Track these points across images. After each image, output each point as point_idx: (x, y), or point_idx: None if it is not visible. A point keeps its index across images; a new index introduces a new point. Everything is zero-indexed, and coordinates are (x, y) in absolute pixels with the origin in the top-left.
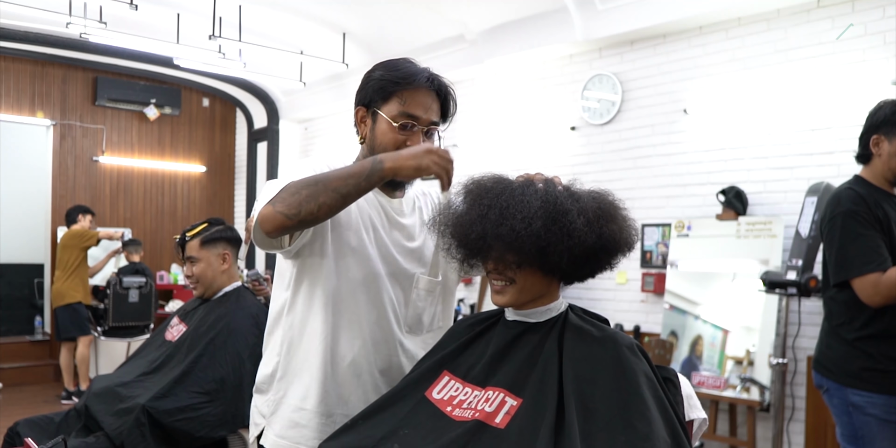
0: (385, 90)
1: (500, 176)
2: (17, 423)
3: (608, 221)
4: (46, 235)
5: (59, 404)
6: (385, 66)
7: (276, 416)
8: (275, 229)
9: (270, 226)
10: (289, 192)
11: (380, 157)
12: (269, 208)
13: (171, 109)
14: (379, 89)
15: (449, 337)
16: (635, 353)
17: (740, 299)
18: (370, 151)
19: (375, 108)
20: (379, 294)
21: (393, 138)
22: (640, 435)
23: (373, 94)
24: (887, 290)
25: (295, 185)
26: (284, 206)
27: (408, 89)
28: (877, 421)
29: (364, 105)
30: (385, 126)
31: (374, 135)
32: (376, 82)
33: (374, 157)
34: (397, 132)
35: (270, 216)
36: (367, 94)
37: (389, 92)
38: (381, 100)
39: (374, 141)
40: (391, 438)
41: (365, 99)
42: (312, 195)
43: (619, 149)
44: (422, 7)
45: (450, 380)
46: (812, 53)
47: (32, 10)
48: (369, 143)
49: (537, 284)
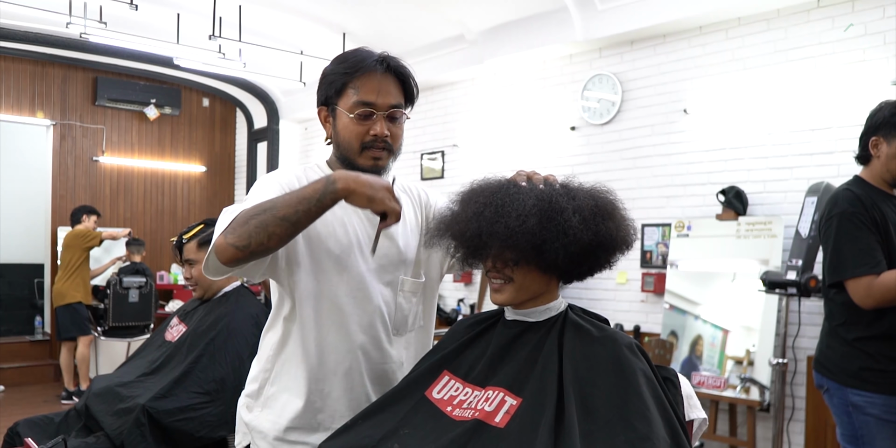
0: (338, 83)
1: (495, 177)
2: (17, 423)
3: (605, 219)
4: (46, 235)
5: (59, 404)
6: (335, 61)
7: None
8: (228, 261)
9: (224, 257)
10: (239, 221)
11: (334, 176)
12: (222, 239)
13: (171, 109)
14: (332, 84)
15: (449, 337)
16: (635, 353)
17: (740, 299)
18: (337, 149)
19: (333, 104)
20: (367, 301)
21: (354, 130)
22: (640, 435)
23: (328, 91)
24: (880, 293)
25: (245, 214)
26: (234, 237)
27: (359, 77)
28: (876, 421)
29: (324, 104)
30: (344, 120)
31: (337, 131)
32: (328, 78)
33: (327, 177)
34: (357, 123)
35: (223, 248)
36: (324, 92)
37: (342, 84)
38: (336, 94)
39: (338, 138)
40: (391, 438)
41: (322, 98)
42: (261, 225)
43: (619, 149)
44: (422, 7)
45: (450, 380)
46: (812, 53)
47: (32, 10)
48: (335, 142)
49: (535, 283)
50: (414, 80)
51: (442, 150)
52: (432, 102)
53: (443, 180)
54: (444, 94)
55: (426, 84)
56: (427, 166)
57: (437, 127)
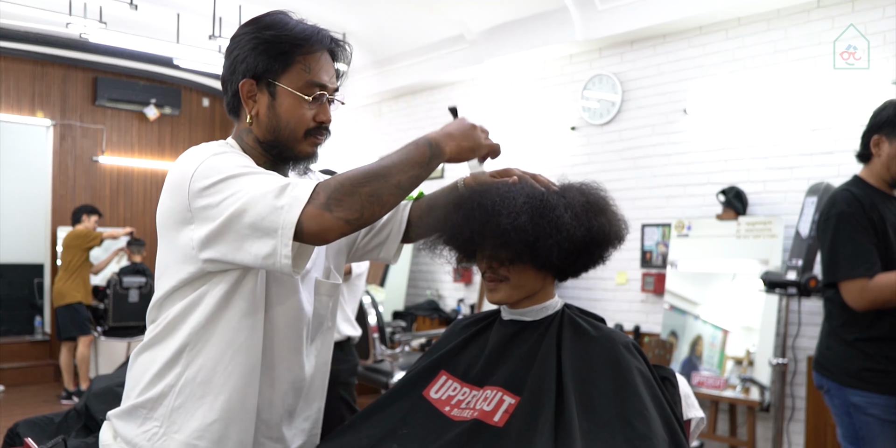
0: (284, 56)
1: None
2: (16, 423)
3: (597, 215)
4: (46, 235)
5: (59, 404)
6: (271, 25)
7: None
8: (334, 237)
9: (331, 234)
10: (341, 191)
11: (432, 139)
12: (325, 214)
13: (171, 109)
14: (274, 55)
15: (446, 337)
16: (632, 352)
17: (740, 299)
18: (268, 134)
19: (271, 79)
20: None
21: (303, 114)
22: (640, 434)
23: (266, 62)
24: (873, 296)
25: (348, 182)
26: (344, 209)
27: (309, 53)
28: (877, 421)
29: (252, 77)
30: (292, 101)
31: (277, 113)
32: (269, 46)
33: (425, 140)
34: (307, 106)
35: (329, 223)
36: (258, 62)
37: (289, 58)
38: (281, 69)
39: (278, 120)
40: (390, 438)
41: (254, 69)
42: (375, 194)
43: (619, 149)
44: (422, 7)
45: (447, 379)
46: (812, 53)
47: (32, 10)
48: (268, 124)
49: (531, 281)
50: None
51: None
52: (432, 102)
53: (443, 180)
54: (444, 94)
55: (426, 84)
56: None
57: (437, 127)
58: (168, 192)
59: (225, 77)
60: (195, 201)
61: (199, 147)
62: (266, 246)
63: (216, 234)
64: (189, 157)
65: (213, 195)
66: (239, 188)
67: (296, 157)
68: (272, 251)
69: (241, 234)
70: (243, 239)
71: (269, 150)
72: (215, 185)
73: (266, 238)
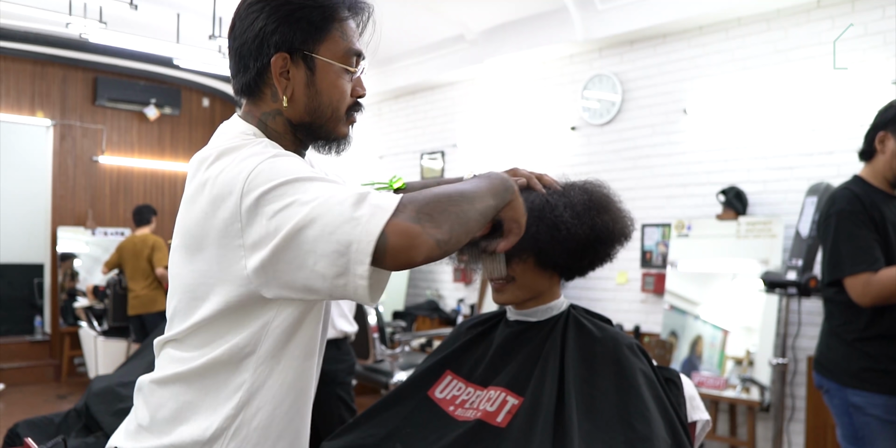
0: (323, 22)
1: None
2: (16, 424)
3: (600, 213)
4: (46, 235)
5: (59, 404)
6: None
7: None
8: (422, 260)
9: (418, 253)
10: (431, 207)
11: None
12: (414, 228)
13: (171, 109)
14: (314, 23)
15: (452, 337)
16: (635, 353)
17: (740, 299)
18: (306, 116)
19: (307, 51)
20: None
21: (344, 90)
22: (640, 435)
23: (303, 33)
24: (876, 290)
25: (434, 200)
26: (435, 226)
27: (344, 16)
28: (877, 421)
29: (287, 50)
30: (333, 74)
31: (318, 89)
32: (305, 13)
33: (500, 177)
34: (347, 79)
35: (419, 239)
36: (293, 31)
37: (326, 23)
38: (319, 38)
39: (319, 98)
40: (394, 437)
41: (289, 40)
42: (463, 215)
43: (619, 149)
44: (422, 7)
45: (452, 379)
46: (812, 53)
47: (32, 10)
48: (307, 104)
49: (536, 281)
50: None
51: (442, 150)
52: (432, 102)
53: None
54: (444, 94)
55: (426, 84)
56: (427, 166)
57: (437, 127)
58: (206, 198)
59: (243, 52)
60: (251, 208)
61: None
62: (336, 264)
63: (276, 250)
64: (240, 157)
65: (275, 202)
66: (307, 193)
67: (334, 139)
68: (343, 270)
69: (305, 249)
70: (307, 254)
71: (304, 134)
72: (277, 189)
73: (336, 254)
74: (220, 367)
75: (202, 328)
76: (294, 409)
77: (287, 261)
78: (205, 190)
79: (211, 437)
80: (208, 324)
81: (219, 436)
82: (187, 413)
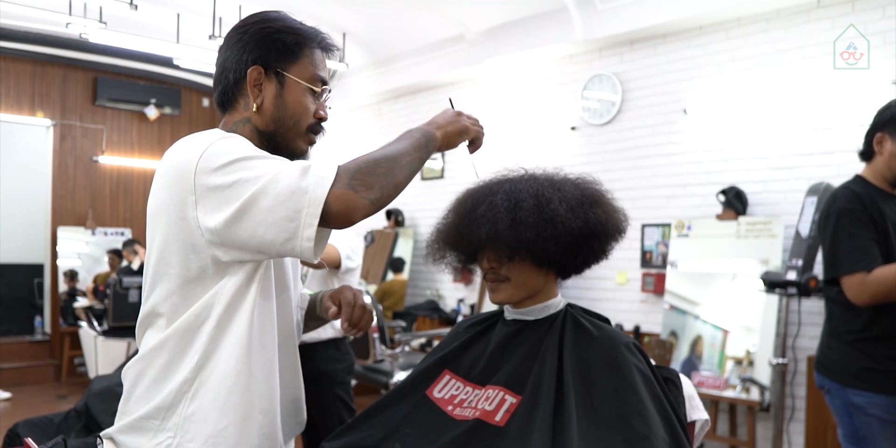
0: (295, 48)
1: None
2: (16, 424)
3: (592, 206)
4: (46, 235)
5: (59, 404)
6: (280, 19)
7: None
8: (358, 218)
9: (356, 215)
10: (362, 171)
11: (420, 128)
12: (351, 193)
13: (171, 109)
14: (283, 45)
15: (450, 336)
16: (632, 352)
17: (740, 299)
18: (270, 124)
19: (280, 68)
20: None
21: (307, 107)
22: (638, 434)
23: (279, 53)
24: (872, 288)
25: (365, 163)
26: (366, 188)
27: (316, 49)
28: (878, 421)
29: (262, 64)
30: (299, 92)
31: (284, 102)
32: (282, 36)
33: (415, 129)
34: (312, 100)
35: (355, 202)
36: (269, 51)
37: (300, 50)
38: (291, 60)
39: (284, 110)
40: (393, 437)
41: (265, 57)
42: (391, 173)
43: (619, 149)
44: (422, 7)
45: (451, 379)
46: (812, 53)
47: (32, 10)
48: (273, 113)
49: (532, 279)
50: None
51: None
52: (432, 102)
53: (443, 180)
54: (444, 93)
55: (426, 84)
56: (427, 166)
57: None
58: (164, 181)
59: (226, 65)
60: (204, 181)
61: (199, 134)
62: (287, 229)
63: (231, 219)
64: (192, 141)
65: (227, 175)
66: (256, 168)
67: (291, 152)
68: (293, 234)
69: (259, 218)
70: (260, 223)
71: (266, 142)
72: (229, 165)
73: (287, 221)
74: (179, 336)
75: (158, 308)
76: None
77: (242, 228)
78: (164, 172)
79: (172, 402)
80: (164, 302)
81: (179, 400)
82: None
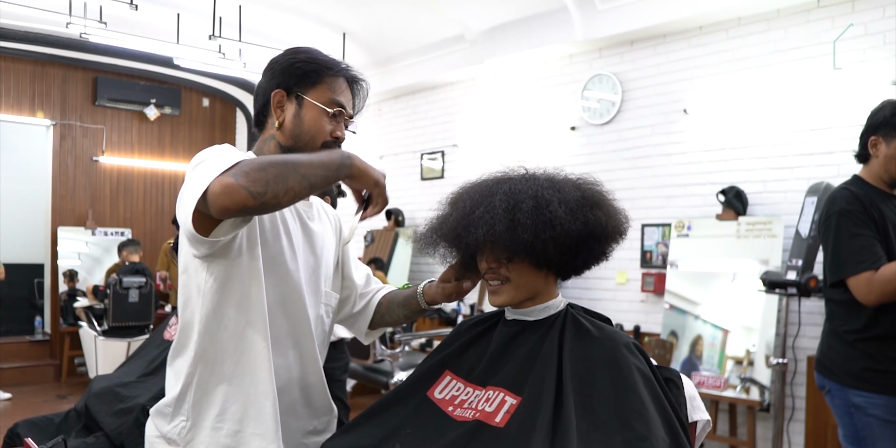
0: (313, 75)
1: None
2: (16, 424)
3: (593, 208)
4: (46, 235)
5: (59, 404)
6: (306, 51)
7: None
8: (234, 206)
9: (230, 200)
10: (251, 167)
11: (347, 153)
12: (230, 180)
13: (171, 109)
14: (304, 72)
15: (451, 337)
16: (633, 352)
17: (740, 299)
18: (290, 140)
19: (300, 92)
20: (300, 308)
21: (324, 126)
22: (638, 434)
23: (298, 79)
24: (880, 287)
25: (258, 162)
26: (249, 180)
27: (334, 77)
28: (878, 422)
29: (284, 88)
30: (315, 113)
31: (301, 121)
32: (303, 65)
33: (340, 152)
34: (328, 120)
35: (232, 189)
36: (291, 77)
37: (318, 77)
38: (310, 85)
39: (301, 127)
40: (393, 438)
41: (286, 82)
42: (281, 176)
43: (619, 149)
44: (422, 7)
45: (451, 379)
46: (812, 53)
47: (32, 10)
48: (292, 130)
49: (532, 280)
50: (366, 96)
51: (442, 150)
52: (432, 102)
53: (443, 180)
54: (444, 94)
55: (426, 84)
56: (427, 166)
57: (437, 127)
58: None
59: (259, 91)
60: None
61: None
62: (185, 210)
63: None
64: None
65: (189, 173)
66: (207, 163)
67: None
68: (186, 216)
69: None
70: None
71: None
72: (197, 166)
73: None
74: (183, 331)
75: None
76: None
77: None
78: None
79: (182, 391)
80: (180, 296)
81: (188, 390)
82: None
